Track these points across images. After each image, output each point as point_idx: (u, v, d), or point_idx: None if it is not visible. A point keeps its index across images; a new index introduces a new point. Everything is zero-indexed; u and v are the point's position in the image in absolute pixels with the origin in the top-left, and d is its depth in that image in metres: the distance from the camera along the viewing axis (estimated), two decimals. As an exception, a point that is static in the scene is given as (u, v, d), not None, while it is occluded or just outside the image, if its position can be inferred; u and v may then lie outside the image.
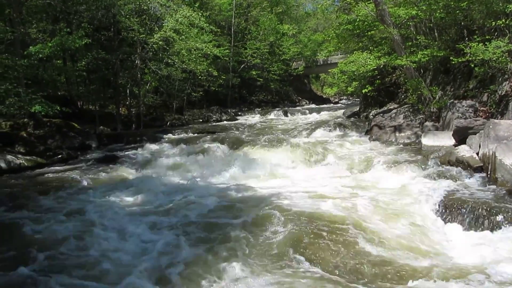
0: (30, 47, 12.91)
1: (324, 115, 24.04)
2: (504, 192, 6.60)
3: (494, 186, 7.06)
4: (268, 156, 11.22)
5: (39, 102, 12.00)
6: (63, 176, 10.04)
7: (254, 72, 34.04)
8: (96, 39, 19.19)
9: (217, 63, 27.34)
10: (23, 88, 12.44)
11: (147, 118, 21.24)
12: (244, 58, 33.65)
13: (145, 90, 21.93)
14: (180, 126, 21.62)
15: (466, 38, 12.33)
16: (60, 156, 12.65)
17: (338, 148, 11.83)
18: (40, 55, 12.70)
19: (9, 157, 11.15)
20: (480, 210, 5.90)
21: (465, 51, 11.22)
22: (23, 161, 11.37)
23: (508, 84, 10.37)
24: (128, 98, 21.16)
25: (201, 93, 26.26)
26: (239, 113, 28.73)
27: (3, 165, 10.77)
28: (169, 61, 21.50)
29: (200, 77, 23.90)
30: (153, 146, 14.59)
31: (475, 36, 11.38)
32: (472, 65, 11.33)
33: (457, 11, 12.21)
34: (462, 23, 12.92)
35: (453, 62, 11.65)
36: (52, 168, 11.45)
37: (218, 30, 27.87)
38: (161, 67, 20.75)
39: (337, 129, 15.73)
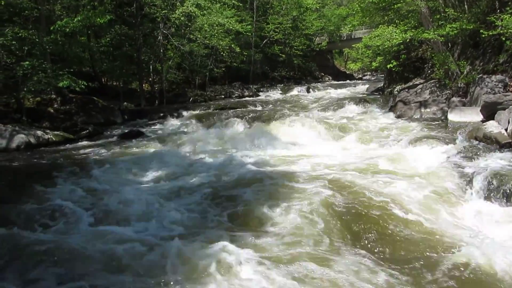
0: (57, 22, 13.07)
1: (348, 91, 23.73)
2: (533, 169, 6.43)
3: (523, 163, 6.89)
4: (291, 132, 11.21)
5: (66, 77, 12.25)
6: (91, 151, 10.29)
7: (276, 48, 33.62)
8: (118, 15, 19.26)
9: (239, 39, 27.07)
10: (49, 64, 12.66)
11: (170, 94, 21.37)
12: (267, 34, 33.21)
13: (168, 66, 21.97)
14: (202, 102, 21.78)
15: (498, 10, 11.86)
16: (86, 131, 12.95)
17: (363, 123, 11.74)
18: (67, 30, 12.85)
19: (38, 132, 11.48)
20: (509, 186, 5.79)
21: (496, 23, 10.81)
22: (51, 136, 11.68)
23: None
24: (151, 75, 21.28)
25: (223, 69, 26.17)
26: (261, 89, 28.57)
27: (32, 140, 11.10)
28: (191, 36, 21.43)
29: (222, 53, 23.78)
30: (176, 122, 14.85)
31: (508, 8, 10.93)
32: (503, 39, 10.93)
33: (489, -18, 11.75)
34: (494, -6, 12.43)
35: (483, 36, 11.25)
36: (79, 143, 11.73)
37: (240, 4, 27.53)
38: (183, 43, 20.73)
39: (361, 105, 15.56)
